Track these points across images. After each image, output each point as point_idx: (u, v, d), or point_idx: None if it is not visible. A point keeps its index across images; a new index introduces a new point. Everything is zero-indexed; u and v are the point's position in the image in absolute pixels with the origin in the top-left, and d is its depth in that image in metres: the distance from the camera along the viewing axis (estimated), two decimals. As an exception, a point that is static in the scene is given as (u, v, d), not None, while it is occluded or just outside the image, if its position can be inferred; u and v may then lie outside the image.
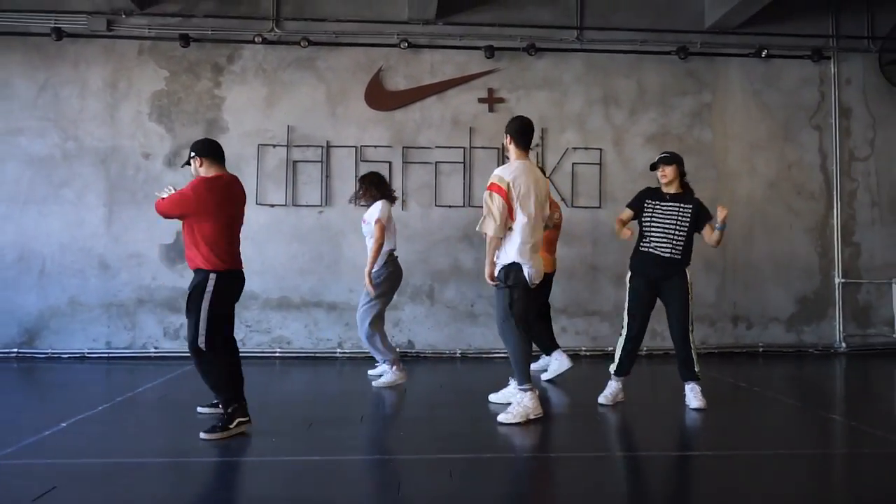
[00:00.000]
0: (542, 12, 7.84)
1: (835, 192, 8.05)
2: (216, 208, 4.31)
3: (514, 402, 4.63)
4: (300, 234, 7.65)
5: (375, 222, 5.79)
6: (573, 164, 7.81)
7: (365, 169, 7.60)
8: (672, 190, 5.16)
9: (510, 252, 4.61)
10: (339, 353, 7.61)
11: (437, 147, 7.71)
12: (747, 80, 8.01)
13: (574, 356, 7.65)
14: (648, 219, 5.13)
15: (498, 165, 7.70)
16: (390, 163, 7.64)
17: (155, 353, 7.49)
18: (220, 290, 4.31)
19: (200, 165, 4.53)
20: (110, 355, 7.46)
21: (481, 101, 7.77)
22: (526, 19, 7.79)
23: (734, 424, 4.83)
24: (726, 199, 7.93)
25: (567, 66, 7.87)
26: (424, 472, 3.70)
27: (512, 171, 4.67)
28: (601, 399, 5.22)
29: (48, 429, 4.39)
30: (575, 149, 7.82)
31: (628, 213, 5.28)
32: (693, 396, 5.08)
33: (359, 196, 6.13)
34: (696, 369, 5.11)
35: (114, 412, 5.03)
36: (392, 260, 5.93)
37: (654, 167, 5.23)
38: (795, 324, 8.00)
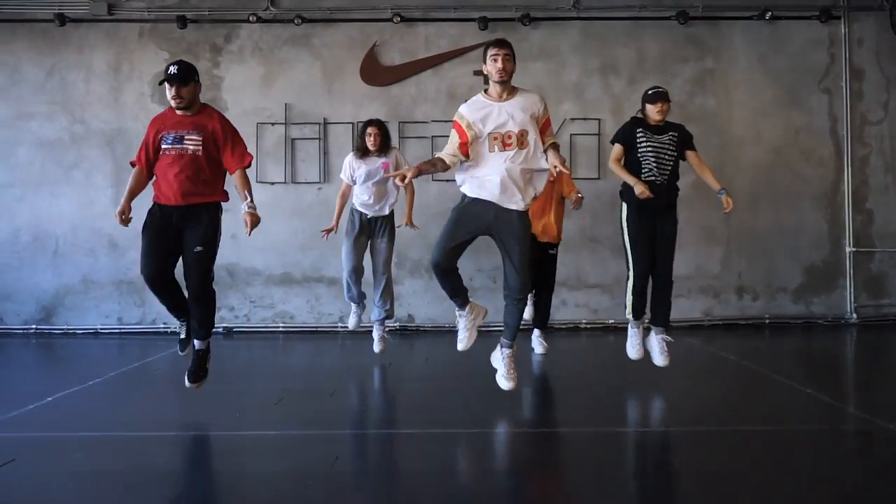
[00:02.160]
0: (537, -20, 7.68)
1: (846, 158, 7.73)
2: None
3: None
4: (300, 211, 7.72)
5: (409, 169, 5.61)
6: (571, 134, 7.67)
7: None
8: (661, 123, 5.05)
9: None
10: (341, 327, 7.69)
11: (433, 121, 7.65)
12: (751, 44, 7.72)
13: (573, 329, 7.67)
14: (644, 150, 4.92)
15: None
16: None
17: (164, 328, 7.69)
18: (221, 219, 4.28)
19: (197, 91, 4.25)
20: (122, 331, 7.71)
21: (476, 73, 7.63)
22: (521, -11, 7.64)
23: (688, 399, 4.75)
24: (730, 167, 7.73)
25: (564, 36, 7.70)
26: (414, 446, 3.75)
27: None
28: (631, 354, 5.05)
29: (34, 402, 4.58)
30: (573, 119, 7.68)
31: (619, 147, 5.02)
32: (660, 351, 4.91)
33: (370, 144, 5.76)
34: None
35: (104, 386, 5.21)
36: None
37: (650, 101, 5.01)
38: (804, 294, 7.78)
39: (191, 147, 4.11)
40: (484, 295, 7.60)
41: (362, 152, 5.78)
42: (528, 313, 6.03)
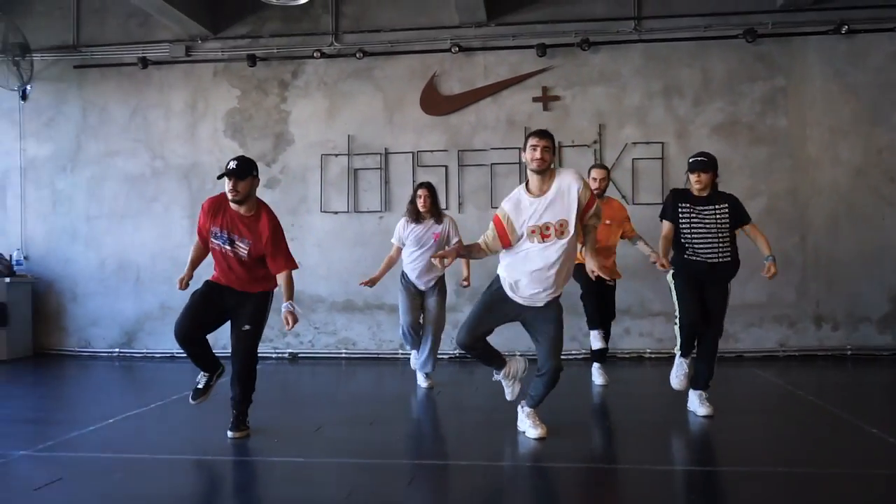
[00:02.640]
0: (596, 5, 7.57)
1: (936, 177, 7.18)
2: None
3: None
4: (362, 240, 7.86)
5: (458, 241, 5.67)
6: (633, 159, 7.49)
7: (422, 174, 7.73)
8: (705, 193, 4.76)
9: None
10: (401, 354, 7.75)
11: (492, 149, 7.66)
12: (827, 60, 7.32)
13: (637, 359, 7.41)
14: (687, 226, 4.72)
15: (555, 165, 7.58)
16: (446, 166, 7.68)
17: (233, 353, 7.96)
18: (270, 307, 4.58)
19: (255, 186, 4.37)
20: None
21: (536, 100, 7.63)
22: (579, 13, 7.56)
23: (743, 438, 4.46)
24: (806, 189, 7.34)
25: (625, 59, 7.55)
26: (441, 478, 3.73)
27: None
28: (674, 384, 4.92)
29: (95, 423, 4.82)
30: (635, 143, 7.49)
31: (668, 225, 4.80)
32: (699, 404, 4.81)
33: (421, 207, 5.80)
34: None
35: (163, 410, 5.43)
36: None
37: (692, 170, 4.75)
38: (891, 324, 7.22)
39: (241, 252, 4.38)
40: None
41: (414, 216, 5.85)
42: (596, 344, 5.94)
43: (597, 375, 6.02)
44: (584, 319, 6.01)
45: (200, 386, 4.62)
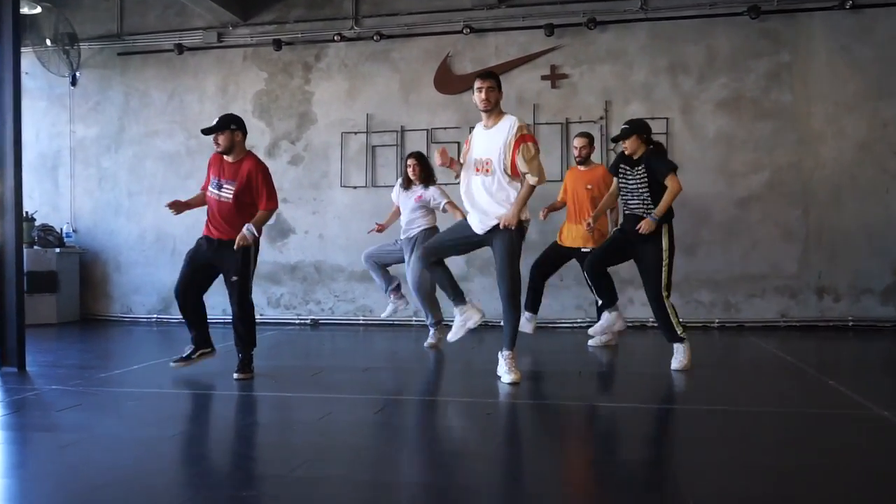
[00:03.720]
0: (603, -15, 7.75)
1: (942, 151, 7.15)
2: None
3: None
4: (380, 213, 8.16)
5: (448, 204, 6.12)
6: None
7: (436, 149, 7.99)
8: (638, 155, 5.08)
9: (526, 207, 4.58)
10: (415, 320, 8.10)
11: (502, 126, 7.91)
12: (832, 35, 7.34)
13: (641, 328, 7.59)
14: (623, 184, 5.16)
15: (562, 140, 7.82)
16: (458, 142, 7.96)
17: (260, 319, 8.41)
18: (255, 253, 4.96)
19: (237, 139, 4.87)
20: (226, 321, 8.52)
21: (544, 78, 7.86)
22: (588, -6, 7.76)
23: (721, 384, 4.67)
24: (809, 162, 7.40)
25: (631, 37, 7.71)
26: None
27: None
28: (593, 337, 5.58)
29: (121, 368, 5.33)
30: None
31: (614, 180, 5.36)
32: (673, 357, 5.03)
33: (412, 175, 6.28)
34: (678, 331, 4.96)
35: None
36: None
37: (615, 141, 5.25)
38: (893, 295, 7.24)
39: (225, 194, 4.88)
40: (552, 293, 7.75)
41: (406, 183, 6.34)
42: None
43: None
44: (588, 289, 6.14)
45: (184, 354, 5.05)
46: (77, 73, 8.94)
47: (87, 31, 8.84)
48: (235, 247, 4.68)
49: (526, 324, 6.23)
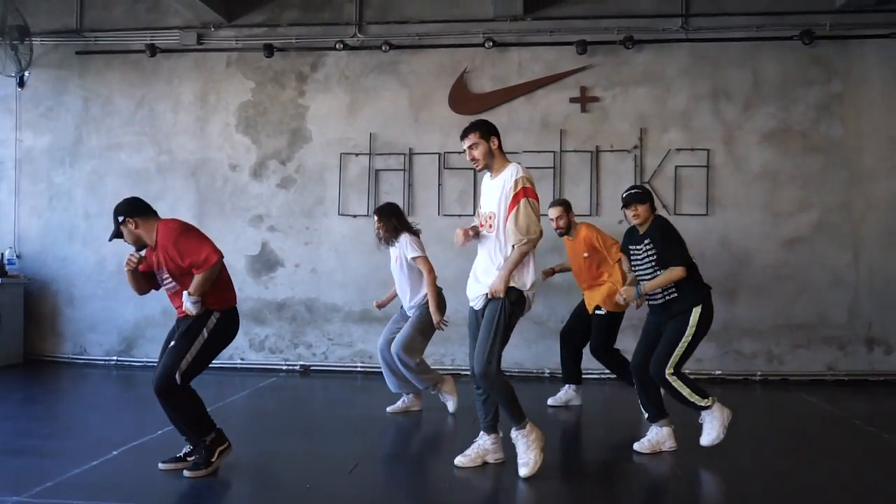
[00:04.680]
0: (641, 1, 6.96)
1: None
2: (209, 241, 3.82)
3: (520, 445, 3.81)
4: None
5: (416, 259, 5.10)
6: (676, 166, 6.88)
7: (448, 176, 7.15)
8: (644, 229, 4.33)
9: (531, 274, 3.81)
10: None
11: (525, 152, 6.99)
12: (888, 64, 6.74)
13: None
14: (634, 268, 4.41)
15: (591, 170, 7.00)
16: (475, 169, 7.03)
17: (241, 363, 7.32)
18: (221, 328, 3.88)
19: (136, 228, 3.95)
20: (242, 366, 7.35)
21: (573, 100, 7.02)
22: (623, 9, 6.94)
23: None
24: (860, 202, 6.78)
25: (670, 59, 6.95)
26: None
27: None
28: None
29: (101, 456, 4.17)
30: (679, 150, 6.88)
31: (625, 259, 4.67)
32: (703, 429, 4.21)
33: (380, 236, 5.36)
34: (699, 402, 4.14)
35: (170, 437, 4.78)
36: (440, 293, 5.26)
37: (624, 205, 4.37)
38: (949, 349, 6.66)
39: (170, 286, 3.91)
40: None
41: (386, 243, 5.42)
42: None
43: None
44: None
45: (178, 454, 3.95)
46: (26, 73, 7.63)
47: (41, 25, 7.54)
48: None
49: (575, 396, 5.72)
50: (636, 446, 4.28)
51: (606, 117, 6.98)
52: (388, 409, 5.43)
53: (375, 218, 5.33)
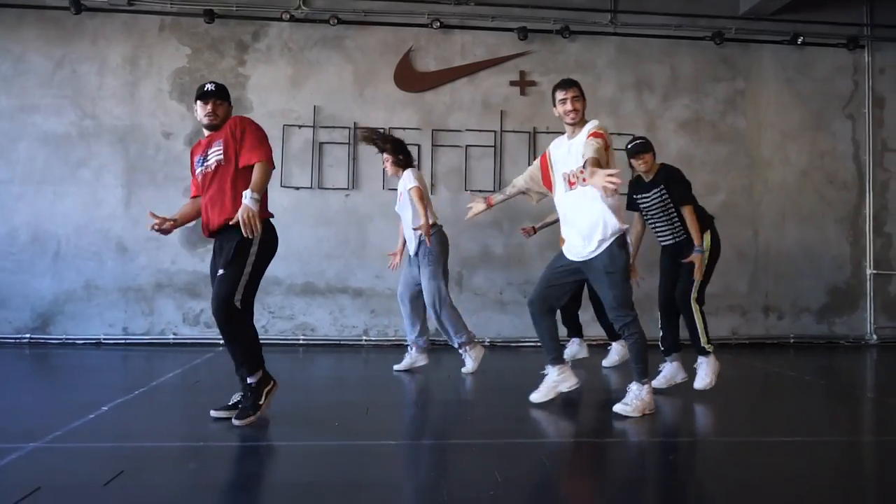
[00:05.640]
0: (575, -6, 7.46)
1: (867, 183, 7.71)
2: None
3: (632, 394, 4.01)
4: (326, 218, 7.21)
5: (410, 189, 5.26)
6: (605, 149, 7.42)
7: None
8: (650, 176, 4.80)
9: (616, 217, 3.93)
10: (365, 340, 7.18)
11: (467, 130, 7.30)
12: (781, 67, 7.66)
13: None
14: (645, 213, 4.83)
15: (529, 150, 7.37)
16: (419, 145, 7.21)
17: (174, 339, 7.01)
18: (267, 241, 3.79)
19: (227, 109, 3.96)
20: (127, 341, 6.98)
21: (513, 83, 7.37)
22: (560, 1, 7.39)
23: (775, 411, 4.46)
24: (759, 186, 7.62)
25: (600, 50, 7.49)
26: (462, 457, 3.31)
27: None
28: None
29: (91, 412, 3.92)
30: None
31: (635, 216, 4.96)
32: (697, 374, 4.73)
33: (385, 156, 5.53)
34: (702, 341, 4.66)
35: (151, 395, 4.57)
36: (439, 230, 5.46)
37: (632, 155, 4.77)
38: (826, 315, 7.66)
39: (213, 159, 3.76)
40: (515, 310, 7.27)
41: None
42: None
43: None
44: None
45: (230, 402, 3.91)
46: (-77, 24, 6.88)
47: (-58, -28, 6.85)
48: (235, 222, 3.48)
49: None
50: (654, 383, 4.64)
51: (543, 101, 7.38)
52: (395, 367, 5.53)
53: (385, 154, 5.48)
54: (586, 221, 3.96)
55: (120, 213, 7.05)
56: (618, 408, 3.97)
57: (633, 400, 3.98)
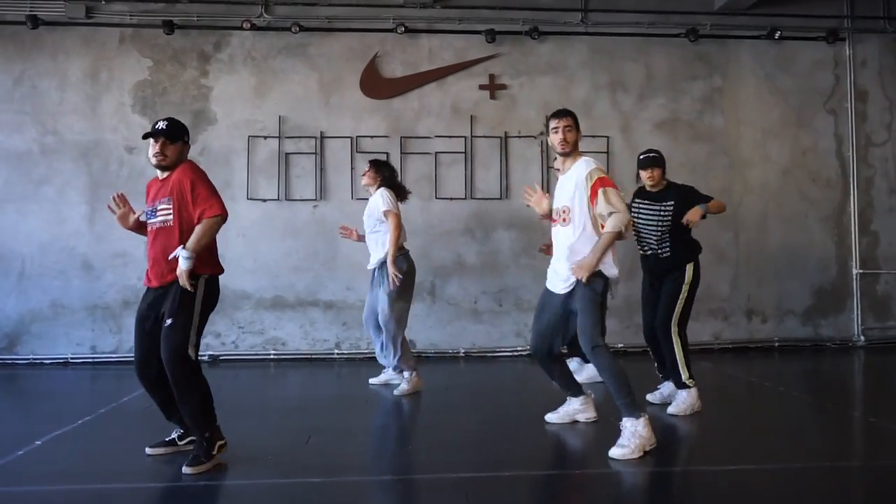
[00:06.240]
0: (544, -6, 7.24)
1: (851, 179, 7.46)
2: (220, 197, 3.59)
3: (627, 433, 3.66)
4: (294, 230, 7.04)
5: (387, 213, 5.14)
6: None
7: (361, 160, 7.04)
8: (658, 189, 4.68)
9: (611, 260, 3.77)
10: (337, 354, 7.02)
11: (436, 136, 7.11)
12: (759, 63, 7.42)
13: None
14: (637, 219, 4.66)
15: (501, 155, 7.18)
16: (387, 153, 7.02)
17: (142, 357, 6.86)
18: (209, 294, 3.61)
19: (182, 150, 3.66)
20: (95, 360, 6.84)
21: (482, 87, 7.17)
22: (528, 1, 7.18)
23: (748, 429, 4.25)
24: (739, 186, 7.40)
25: (572, 51, 7.27)
26: (437, 495, 3.13)
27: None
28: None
29: (21, 447, 3.78)
30: (581, 137, 7.19)
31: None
32: (675, 400, 4.56)
33: (362, 174, 5.48)
34: (683, 375, 4.48)
35: (95, 425, 4.42)
36: (405, 255, 5.30)
37: (642, 167, 4.67)
38: (812, 317, 7.43)
39: (161, 218, 3.54)
40: (489, 319, 7.10)
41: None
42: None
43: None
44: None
45: (168, 438, 3.73)
46: None
47: None
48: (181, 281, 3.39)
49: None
50: (649, 397, 4.66)
51: (514, 104, 7.19)
52: (371, 380, 5.46)
53: (367, 166, 5.42)
54: (566, 256, 3.79)
55: (84, 230, 6.91)
56: (614, 452, 3.56)
57: (630, 439, 3.60)
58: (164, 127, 3.59)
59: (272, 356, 6.98)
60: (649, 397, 4.77)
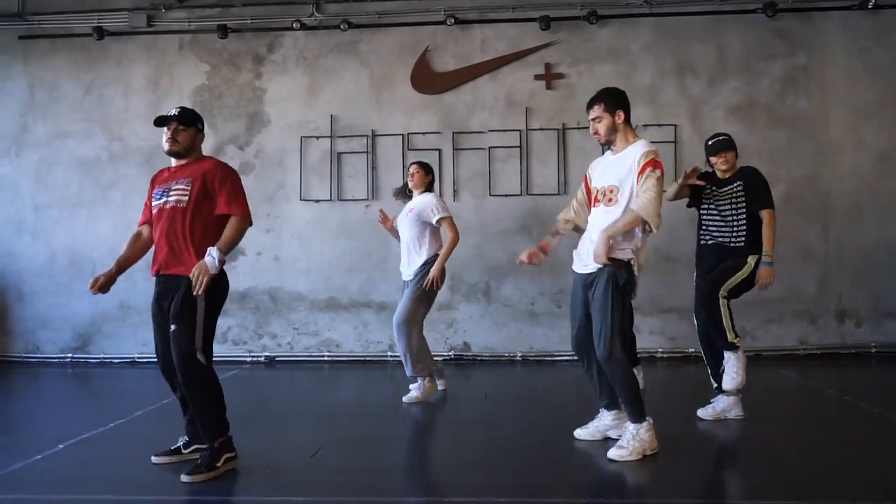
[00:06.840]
0: (603, -25, 6.77)
1: (962, 163, 6.56)
2: None
3: (628, 435, 3.50)
4: (347, 231, 6.95)
5: (443, 220, 4.90)
6: (644, 143, 6.70)
7: (413, 158, 6.83)
8: (730, 174, 4.35)
9: (631, 247, 3.49)
10: (391, 356, 6.85)
11: (490, 131, 6.81)
12: (851, 36, 6.64)
13: (649, 359, 6.62)
14: (708, 208, 4.35)
15: (559, 149, 6.79)
16: (440, 150, 6.80)
17: (203, 357, 6.97)
18: (216, 291, 3.41)
19: (196, 138, 3.60)
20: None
21: (538, 77, 6.80)
22: (586, -16, 6.74)
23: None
24: (827, 175, 6.67)
25: (634, 34, 6.77)
26: None
27: None
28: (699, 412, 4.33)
29: (43, 451, 3.82)
30: (646, 126, 6.69)
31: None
32: (724, 373, 4.22)
33: (410, 176, 5.11)
34: (729, 336, 4.16)
35: (124, 429, 4.44)
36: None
37: (713, 153, 4.36)
38: (917, 320, 6.59)
39: (174, 198, 3.40)
40: (548, 321, 6.75)
41: (403, 195, 5.24)
42: None
43: None
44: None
45: (173, 446, 3.65)
46: (-34, 60, 7.18)
47: (-21, 9, 7.11)
48: (196, 289, 3.21)
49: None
50: (701, 413, 4.28)
51: (572, 94, 6.78)
52: (404, 398, 4.99)
53: (415, 167, 5.09)
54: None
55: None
56: (612, 454, 3.44)
57: (630, 441, 3.46)
58: (177, 113, 3.55)
59: (326, 358, 6.92)
60: (700, 412, 4.29)
